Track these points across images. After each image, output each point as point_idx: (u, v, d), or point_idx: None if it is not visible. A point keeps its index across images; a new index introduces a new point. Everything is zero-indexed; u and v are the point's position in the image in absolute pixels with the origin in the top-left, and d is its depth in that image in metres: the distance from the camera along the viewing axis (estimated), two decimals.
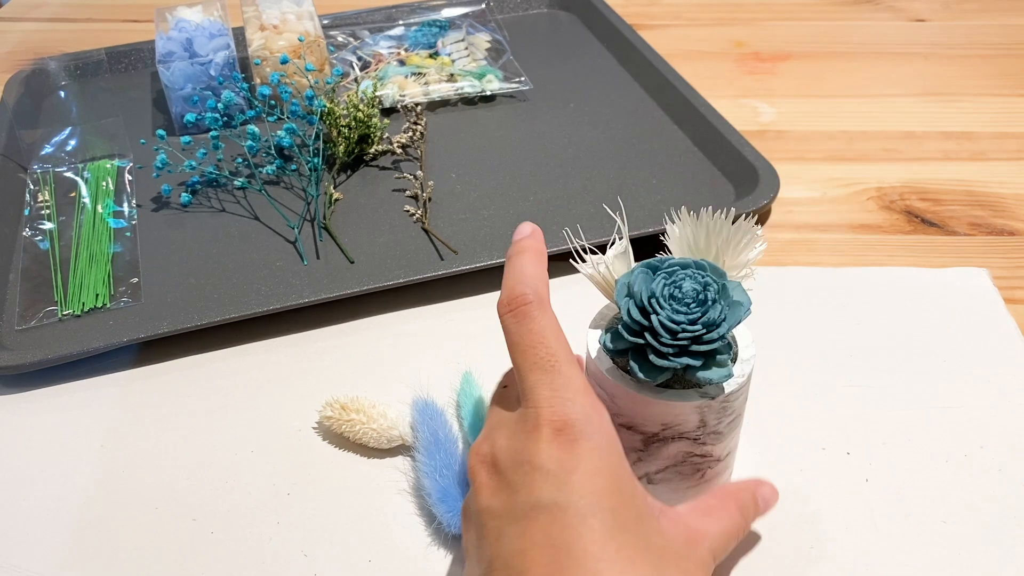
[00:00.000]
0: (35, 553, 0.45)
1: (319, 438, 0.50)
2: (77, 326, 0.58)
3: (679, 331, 0.36)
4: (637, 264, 0.39)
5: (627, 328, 0.37)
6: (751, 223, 0.39)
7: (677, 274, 0.37)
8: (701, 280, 0.37)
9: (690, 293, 0.37)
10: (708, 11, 0.97)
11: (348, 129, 0.70)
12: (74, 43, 0.91)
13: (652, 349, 0.36)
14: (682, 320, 0.36)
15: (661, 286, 0.37)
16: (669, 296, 0.37)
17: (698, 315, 0.36)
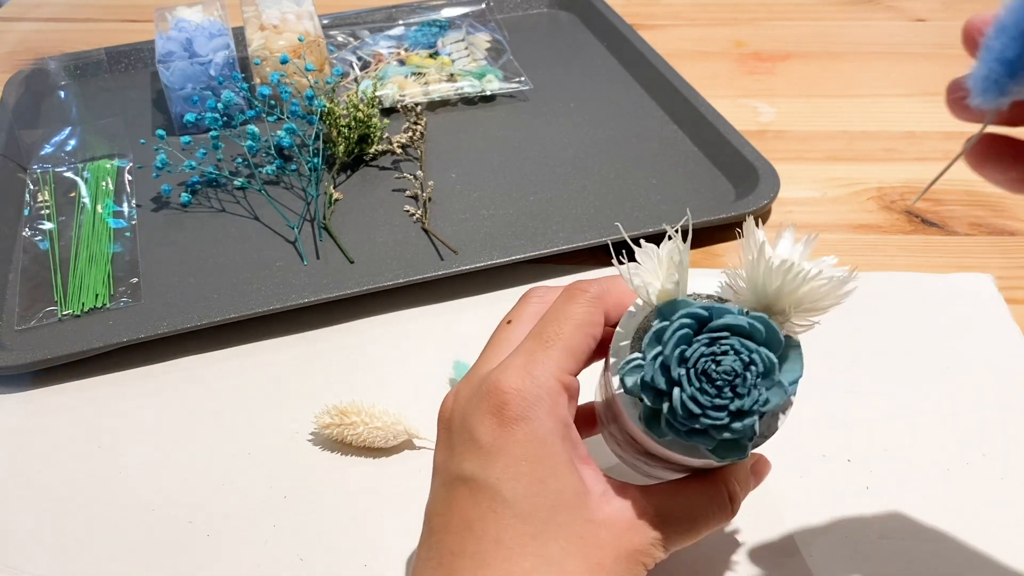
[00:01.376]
0: (32, 554, 0.45)
1: (317, 441, 0.50)
2: (77, 326, 0.58)
3: (700, 415, 0.31)
4: (688, 310, 0.31)
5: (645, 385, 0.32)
6: (844, 278, 0.33)
7: (721, 343, 0.31)
8: (747, 357, 0.31)
9: (726, 374, 0.30)
10: (708, 11, 0.97)
11: (348, 129, 0.70)
12: (74, 43, 0.91)
13: (665, 418, 0.32)
14: (707, 405, 0.30)
15: (697, 355, 0.30)
16: (701, 372, 0.30)
17: (727, 402, 0.30)
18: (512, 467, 0.32)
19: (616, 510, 0.33)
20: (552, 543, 0.32)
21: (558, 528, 0.32)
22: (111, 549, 0.45)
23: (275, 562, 0.44)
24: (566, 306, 0.35)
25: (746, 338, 0.31)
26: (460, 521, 0.32)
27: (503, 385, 0.33)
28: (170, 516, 0.46)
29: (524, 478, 0.32)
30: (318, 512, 0.46)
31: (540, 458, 0.32)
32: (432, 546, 0.33)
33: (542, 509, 0.32)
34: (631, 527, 0.33)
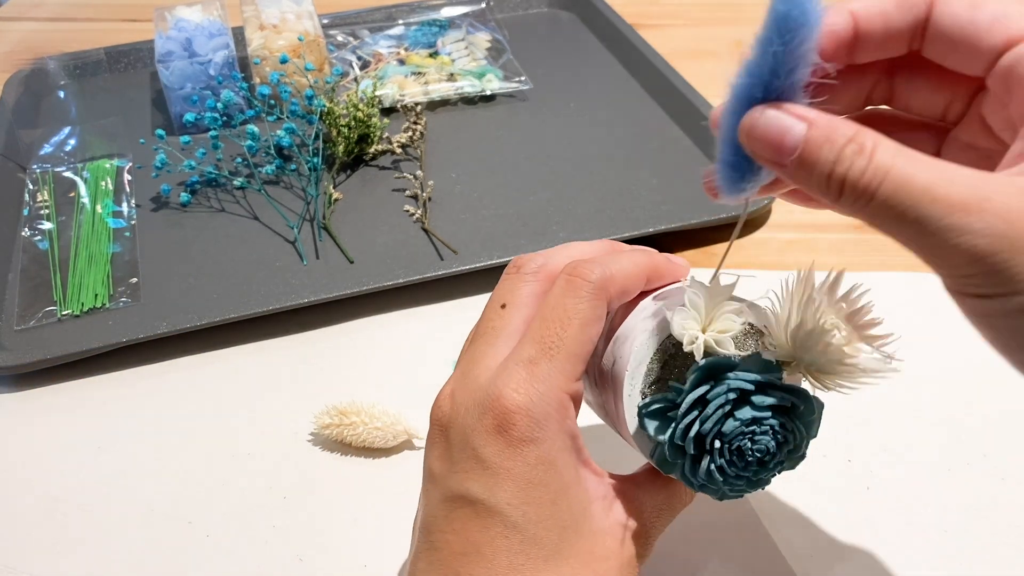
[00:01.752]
0: (32, 554, 0.44)
1: (317, 441, 0.50)
2: (76, 326, 0.58)
3: (721, 481, 0.31)
4: (736, 377, 0.30)
5: (672, 444, 0.31)
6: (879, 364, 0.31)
7: (763, 423, 0.30)
8: (782, 437, 0.30)
9: (760, 452, 0.30)
10: (708, 11, 0.97)
11: (348, 129, 0.70)
12: (74, 43, 0.91)
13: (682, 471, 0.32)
14: (731, 475, 0.31)
15: (736, 433, 0.30)
16: (736, 448, 0.30)
17: (751, 474, 0.31)
18: (522, 492, 0.31)
19: (617, 518, 0.33)
20: (564, 565, 0.31)
21: (569, 548, 0.31)
22: (111, 549, 0.45)
23: (275, 562, 0.44)
24: (567, 301, 0.33)
25: (786, 414, 0.30)
26: (467, 543, 0.31)
27: (508, 403, 0.31)
28: (170, 516, 0.46)
29: (534, 503, 0.31)
30: (318, 512, 0.46)
31: (550, 480, 0.31)
32: (435, 563, 0.32)
33: (553, 531, 0.31)
34: (631, 533, 0.33)
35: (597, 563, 0.32)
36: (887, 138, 0.26)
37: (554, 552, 0.31)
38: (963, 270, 0.26)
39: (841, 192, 0.26)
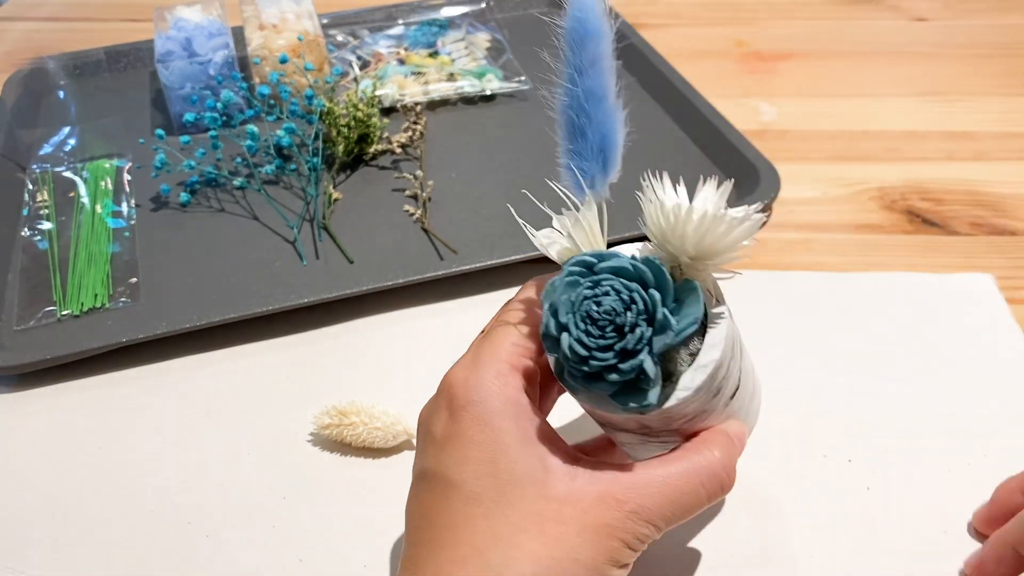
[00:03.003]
0: (32, 554, 0.44)
1: (317, 441, 0.50)
2: (76, 326, 0.57)
3: (588, 357, 0.31)
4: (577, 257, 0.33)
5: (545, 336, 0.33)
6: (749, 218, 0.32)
7: (603, 284, 0.31)
8: (627, 296, 0.31)
9: (607, 314, 0.31)
10: (708, 11, 0.97)
11: (347, 129, 0.70)
12: (73, 43, 0.91)
13: (564, 366, 0.32)
14: (592, 346, 0.31)
15: (581, 299, 0.31)
16: (585, 314, 0.31)
17: (612, 342, 0.31)
18: (460, 451, 0.33)
19: (582, 486, 0.32)
20: (502, 520, 0.32)
21: (508, 505, 0.32)
22: (111, 549, 0.45)
23: (275, 563, 0.44)
24: (518, 294, 0.37)
25: (630, 280, 0.31)
26: (419, 515, 0.34)
27: (451, 378, 0.34)
28: (170, 516, 0.46)
29: (471, 461, 0.32)
30: (318, 512, 0.46)
31: (487, 440, 0.33)
32: (406, 543, 0.34)
33: (491, 489, 0.32)
34: (599, 502, 0.32)
35: (546, 523, 0.32)
36: None
37: (494, 507, 0.32)
38: None
39: None
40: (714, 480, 0.34)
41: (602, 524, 0.32)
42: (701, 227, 0.31)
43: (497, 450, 0.32)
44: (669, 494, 0.33)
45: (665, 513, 0.33)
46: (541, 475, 0.32)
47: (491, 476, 0.32)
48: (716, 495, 0.34)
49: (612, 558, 0.32)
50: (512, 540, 0.31)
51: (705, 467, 0.34)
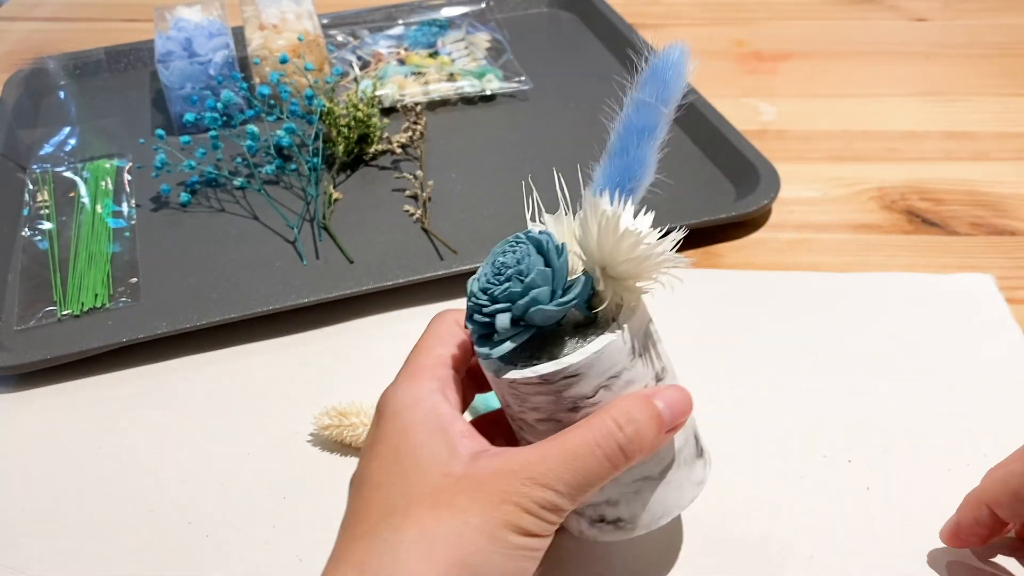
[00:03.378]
0: (32, 554, 0.44)
1: (316, 441, 0.50)
2: (76, 326, 0.58)
3: (475, 295, 0.35)
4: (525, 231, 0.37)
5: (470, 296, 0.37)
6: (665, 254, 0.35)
7: (518, 246, 0.35)
8: (521, 257, 0.35)
9: (503, 265, 0.35)
10: (708, 11, 0.97)
11: (348, 129, 0.70)
12: (73, 43, 0.91)
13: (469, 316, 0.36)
14: (497, 295, 0.35)
15: (497, 254, 0.36)
16: (491, 264, 0.36)
17: (493, 287, 0.35)
18: (374, 450, 0.36)
19: (483, 463, 0.34)
20: (400, 499, 0.33)
21: (407, 485, 0.34)
22: (111, 549, 0.45)
23: (275, 562, 0.44)
24: (433, 321, 0.40)
25: (537, 251, 0.35)
26: (348, 514, 0.36)
27: (383, 396, 0.37)
28: (170, 516, 0.46)
29: (380, 456, 0.35)
30: (317, 512, 0.46)
31: (395, 432, 0.35)
32: None
33: (394, 474, 0.34)
34: (495, 473, 0.33)
35: (443, 495, 0.33)
36: None
37: (393, 488, 0.34)
38: None
39: None
40: (608, 439, 0.34)
41: (496, 491, 0.33)
42: (621, 242, 0.34)
43: (402, 439, 0.35)
44: (564, 458, 0.34)
45: (564, 476, 0.33)
46: (444, 457, 0.34)
47: (395, 463, 0.35)
48: (617, 453, 0.34)
49: (508, 521, 0.33)
50: (405, 512, 0.33)
51: (598, 426, 0.34)
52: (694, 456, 0.39)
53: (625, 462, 0.34)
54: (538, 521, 0.33)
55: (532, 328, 0.35)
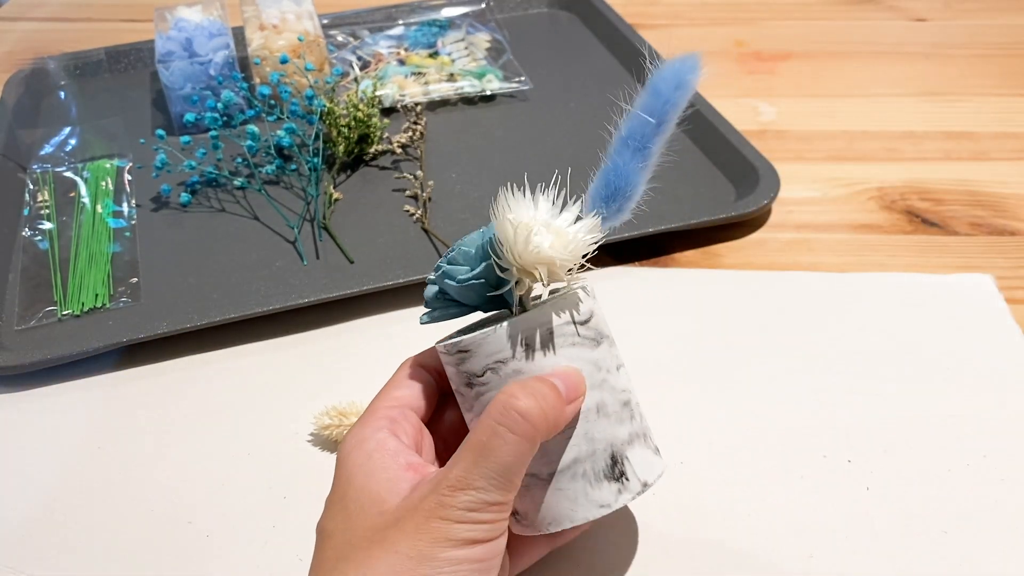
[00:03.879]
0: (32, 554, 0.45)
1: (317, 441, 0.50)
2: (76, 326, 0.58)
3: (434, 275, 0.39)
4: None
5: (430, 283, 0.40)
6: None
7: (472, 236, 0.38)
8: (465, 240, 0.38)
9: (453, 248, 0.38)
10: (708, 11, 0.97)
11: (348, 129, 0.70)
12: (74, 43, 0.91)
13: None
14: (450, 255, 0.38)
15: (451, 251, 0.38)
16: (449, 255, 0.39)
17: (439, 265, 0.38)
18: (328, 500, 0.37)
19: (416, 490, 0.34)
20: (345, 545, 0.34)
21: (351, 531, 0.34)
22: (111, 549, 0.45)
23: (275, 562, 0.44)
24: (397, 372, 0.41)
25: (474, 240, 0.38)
26: (311, 566, 0.36)
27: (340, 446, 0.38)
28: (170, 516, 0.46)
29: (331, 504, 0.36)
30: (318, 513, 0.46)
31: (342, 481, 0.36)
32: None
33: (341, 522, 0.35)
34: (424, 495, 0.33)
35: (378, 533, 0.33)
36: None
37: (340, 536, 0.35)
38: None
39: None
40: (506, 412, 0.33)
41: (423, 512, 0.33)
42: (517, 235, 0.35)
43: (347, 485, 0.36)
44: (473, 452, 0.33)
45: (479, 471, 0.33)
46: (382, 495, 0.34)
47: (341, 510, 0.35)
48: (519, 422, 0.33)
49: (439, 538, 0.32)
50: (348, 557, 0.33)
51: (492, 408, 0.34)
52: (602, 475, 0.37)
53: (531, 429, 0.33)
54: (472, 526, 0.33)
55: (456, 303, 0.38)
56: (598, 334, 0.37)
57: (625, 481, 0.37)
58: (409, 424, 0.38)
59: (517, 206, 0.36)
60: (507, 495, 0.33)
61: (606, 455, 0.37)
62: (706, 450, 0.48)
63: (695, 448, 0.48)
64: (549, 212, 0.37)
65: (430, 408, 0.40)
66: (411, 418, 0.38)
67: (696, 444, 0.48)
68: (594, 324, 0.37)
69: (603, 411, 0.37)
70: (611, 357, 0.38)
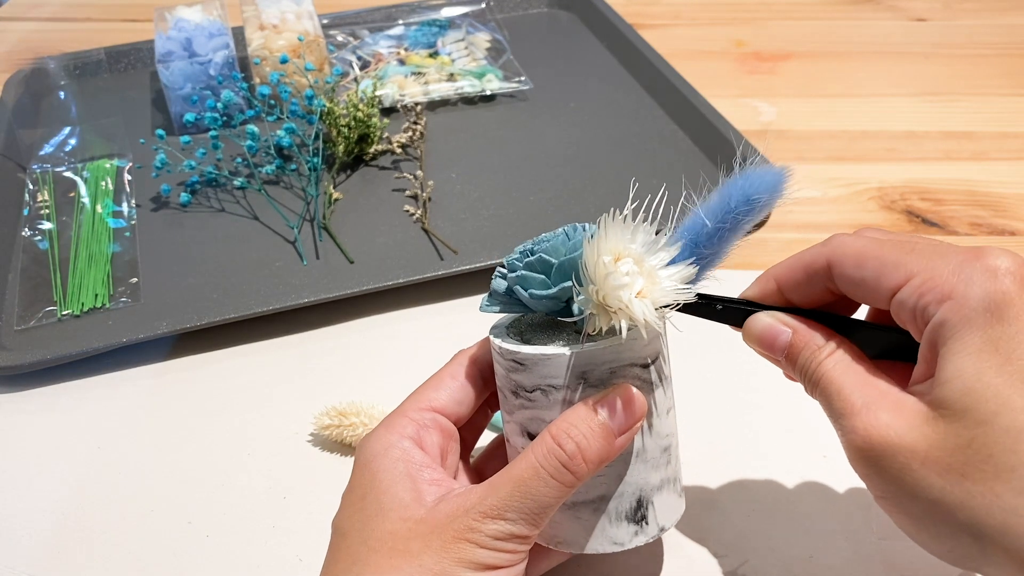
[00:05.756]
0: (32, 554, 0.44)
1: (317, 441, 0.50)
2: (76, 326, 0.58)
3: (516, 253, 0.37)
4: None
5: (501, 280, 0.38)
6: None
7: (559, 237, 0.36)
8: (550, 240, 0.36)
9: (537, 242, 0.36)
10: (708, 11, 0.97)
11: (348, 129, 0.70)
12: (74, 43, 0.91)
13: None
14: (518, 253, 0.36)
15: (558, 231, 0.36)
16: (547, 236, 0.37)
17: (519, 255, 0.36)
18: (346, 499, 0.36)
19: (442, 506, 0.34)
20: (362, 547, 0.34)
21: (369, 532, 0.34)
22: (110, 549, 0.45)
23: (275, 562, 0.44)
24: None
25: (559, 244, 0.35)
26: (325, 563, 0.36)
27: (359, 443, 0.38)
28: (170, 516, 0.46)
29: (347, 504, 0.36)
30: (318, 513, 0.46)
31: (364, 482, 0.36)
32: None
33: (358, 522, 0.35)
34: (452, 514, 0.33)
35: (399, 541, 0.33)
36: (846, 348, 0.34)
37: (357, 536, 0.34)
38: (851, 462, 0.33)
39: (804, 382, 0.35)
40: (549, 457, 0.33)
41: (450, 531, 0.33)
42: (598, 270, 0.33)
43: (369, 487, 0.35)
44: (511, 486, 0.33)
45: (513, 504, 0.33)
46: (406, 502, 0.34)
47: (360, 511, 0.35)
48: (561, 471, 0.33)
49: (463, 559, 0.33)
50: (365, 561, 0.33)
51: (539, 448, 0.34)
52: (624, 516, 0.36)
53: (573, 478, 0.33)
54: (496, 554, 0.33)
55: (519, 304, 0.36)
56: (659, 377, 0.36)
57: (644, 525, 0.37)
58: (438, 432, 0.38)
59: (614, 235, 0.33)
60: (535, 530, 0.34)
61: (633, 498, 0.36)
62: (706, 450, 0.48)
63: (695, 448, 0.48)
64: (646, 246, 0.34)
65: (471, 410, 0.39)
66: (441, 424, 0.38)
67: (696, 444, 0.48)
68: (657, 366, 0.36)
69: (641, 456, 0.36)
70: (665, 400, 0.37)
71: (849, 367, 0.33)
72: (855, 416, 0.31)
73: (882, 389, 0.32)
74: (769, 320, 0.36)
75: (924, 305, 0.31)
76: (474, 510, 0.33)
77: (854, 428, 0.31)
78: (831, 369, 0.34)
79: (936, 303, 0.31)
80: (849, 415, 0.32)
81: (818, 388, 0.34)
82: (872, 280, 0.33)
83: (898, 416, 0.31)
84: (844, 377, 0.33)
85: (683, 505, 0.39)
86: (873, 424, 0.31)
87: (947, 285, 0.31)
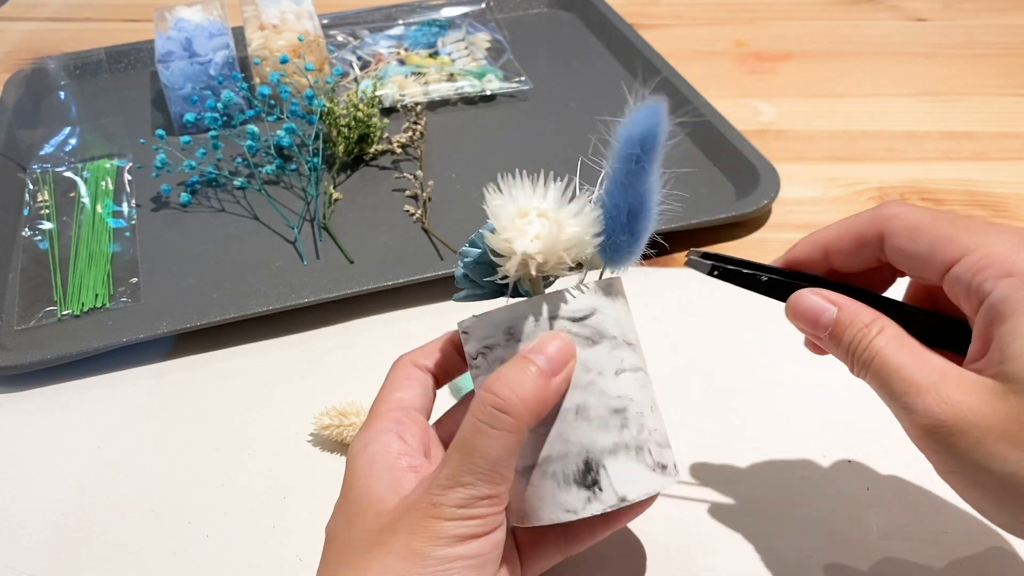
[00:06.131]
0: (32, 554, 0.45)
1: (317, 441, 0.50)
2: (76, 326, 0.58)
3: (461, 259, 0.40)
4: None
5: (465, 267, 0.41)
6: None
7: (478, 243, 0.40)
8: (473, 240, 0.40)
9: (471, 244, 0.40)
10: (708, 11, 0.97)
11: (348, 129, 0.70)
12: (74, 43, 0.91)
13: None
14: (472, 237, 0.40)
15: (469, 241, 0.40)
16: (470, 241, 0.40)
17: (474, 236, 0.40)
18: (336, 503, 0.37)
19: (414, 491, 0.34)
20: (346, 547, 0.34)
21: (352, 532, 0.35)
22: (110, 549, 0.45)
23: (275, 562, 0.44)
24: None
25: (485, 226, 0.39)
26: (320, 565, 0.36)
27: None
28: (170, 517, 0.46)
29: (336, 507, 0.36)
30: (318, 512, 0.46)
31: (348, 488, 0.36)
32: None
33: (343, 523, 0.35)
34: (419, 496, 0.33)
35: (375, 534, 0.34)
36: (892, 325, 0.34)
37: (342, 537, 0.35)
38: (915, 440, 0.32)
39: (852, 362, 0.34)
40: (482, 407, 0.33)
41: (416, 512, 0.33)
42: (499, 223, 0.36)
43: (350, 488, 0.36)
44: (459, 449, 0.33)
45: (466, 466, 0.33)
46: (383, 495, 0.35)
47: (344, 512, 0.36)
48: (496, 416, 0.33)
49: (432, 536, 0.32)
50: (347, 560, 0.34)
51: (473, 404, 0.34)
52: (572, 479, 0.35)
53: (512, 420, 0.33)
54: (465, 522, 0.33)
55: (479, 285, 0.39)
56: (596, 333, 0.36)
57: (597, 491, 0.35)
58: (416, 425, 0.38)
59: (517, 191, 0.37)
60: (497, 487, 0.33)
61: (579, 459, 0.35)
62: (706, 450, 0.48)
63: (695, 448, 0.48)
64: (557, 202, 0.37)
65: (431, 407, 0.40)
66: (417, 419, 0.38)
67: (696, 444, 0.48)
68: (594, 323, 0.36)
69: (583, 414, 0.35)
70: (610, 360, 0.36)
71: (901, 345, 0.33)
72: (922, 395, 0.31)
73: (940, 367, 0.32)
74: (814, 298, 0.36)
75: (980, 281, 0.31)
76: (435, 486, 0.33)
77: (924, 407, 0.31)
78: (883, 348, 0.33)
79: (994, 279, 0.31)
80: (914, 394, 0.32)
81: (870, 368, 0.33)
82: (925, 254, 0.33)
83: (968, 393, 0.31)
84: (899, 356, 0.33)
85: (658, 482, 0.36)
86: (946, 402, 0.31)
87: (1007, 263, 0.31)
